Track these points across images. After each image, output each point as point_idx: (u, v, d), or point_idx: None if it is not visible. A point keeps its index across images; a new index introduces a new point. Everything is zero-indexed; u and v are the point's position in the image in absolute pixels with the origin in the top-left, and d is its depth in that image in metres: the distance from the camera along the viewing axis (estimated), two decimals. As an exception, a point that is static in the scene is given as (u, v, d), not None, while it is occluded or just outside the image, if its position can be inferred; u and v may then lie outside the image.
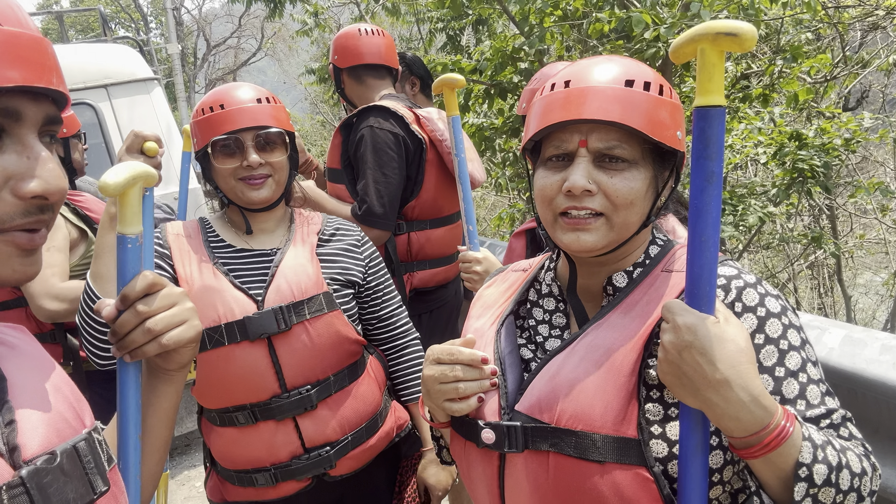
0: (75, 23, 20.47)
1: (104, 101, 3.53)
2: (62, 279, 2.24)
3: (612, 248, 1.00)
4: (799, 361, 0.91)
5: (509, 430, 0.97)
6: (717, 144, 0.81)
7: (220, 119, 1.57)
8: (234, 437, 1.62)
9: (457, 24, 7.16)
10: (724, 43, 0.79)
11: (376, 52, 2.49)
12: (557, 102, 0.97)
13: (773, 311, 0.93)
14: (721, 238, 5.43)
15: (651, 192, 0.99)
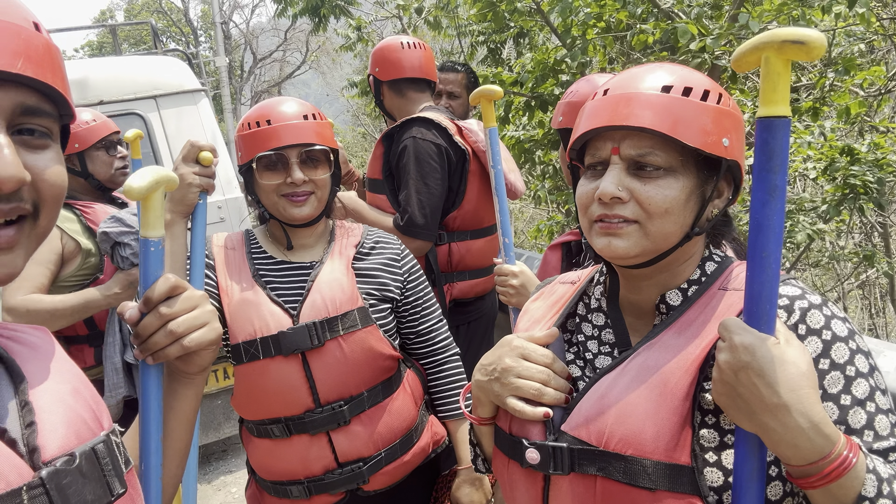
0: (129, 36, 21.17)
1: (153, 112, 3.62)
2: (27, 293, 2.24)
3: (649, 257, 0.96)
4: (867, 389, 0.86)
5: (555, 451, 0.93)
6: (780, 157, 0.77)
7: (265, 135, 1.57)
8: (269, 449, 1.63)
9: (498, 37, 7.16)
10: (791, 51, 0.75)
11: (417, 66, 2.49)
12: (594, 110, 0.95)
13: (839, 335, 0.88)
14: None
15: (693, 201, 0.94)
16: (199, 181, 1.53)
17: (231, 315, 1.59)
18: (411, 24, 7.83)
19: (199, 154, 1.53)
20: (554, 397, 0.97)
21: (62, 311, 2.26)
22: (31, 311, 2.22)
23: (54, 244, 2.33)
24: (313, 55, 23.42)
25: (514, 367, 0.99)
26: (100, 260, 2.45)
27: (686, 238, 0.96)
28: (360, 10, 8.72)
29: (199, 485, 3.98)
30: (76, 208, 2.46)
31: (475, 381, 1.06)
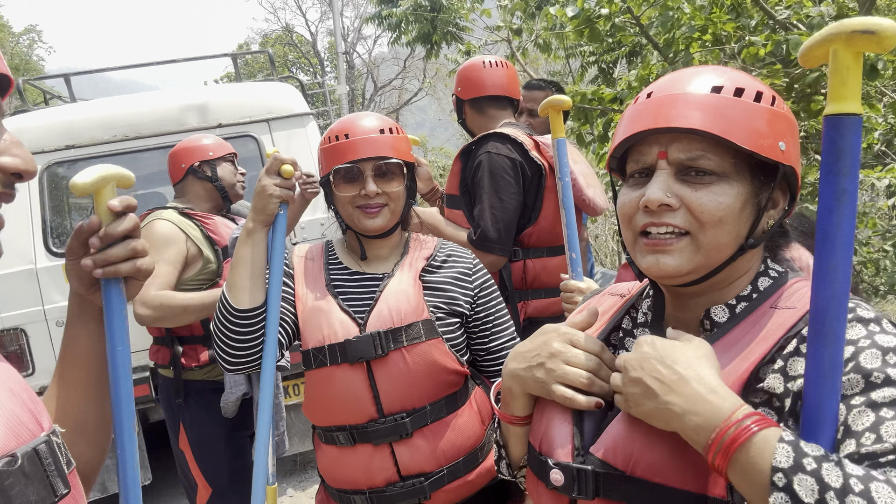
0: (263, 67, 22.73)
1: (265, 134, 3.84)
2: (159, 289, 2.44)
3: (700, 274, 0.88)
4: (890, 395, 0.72)
5: (579, 474, 0.87)
6: (850, 158, 0.69)
7: (343, 148, 1.62)
8: (335, 456, 1.65)
9: (609, 56, 7.04)
10: (861, 42, 0.68)
11: (499, 84, 2.49)
12: (637, 114, 0.89)
13: (879, 344, 0.76)
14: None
15: (749, 210, 0.86)
16: (279, 192, 1.61)
17: (304, 322, 1.64)
18: (520, 47, 7.87)
19: (280, 167, 1.61)
20: (604, 389, 0.90)
21: (192, 306, 2.46)
22: (165, 305, 2.42)
23: (181, 247, 2.55)
24: (428, 81, 24.05)
25: (562, 353, 0.92)
26: (218, 267, 2.65)
27: (740, 251, 0.87)
28: (471, 35, 8.89)
29: (295, 491, 4.11)
30: (197, 219, 2.68)
31: (508, 371, 0.99)
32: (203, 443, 2.75)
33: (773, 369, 0.81)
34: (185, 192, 2.80)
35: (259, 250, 1.61)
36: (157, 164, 3.98)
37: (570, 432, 0.91)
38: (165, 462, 4.56)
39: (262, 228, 1.62)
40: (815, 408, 0.73)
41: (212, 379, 2.73)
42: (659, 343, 0.82)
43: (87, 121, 3.67)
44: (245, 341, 1.59)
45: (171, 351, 2.71)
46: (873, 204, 7.45)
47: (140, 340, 3.52)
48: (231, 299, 1.57)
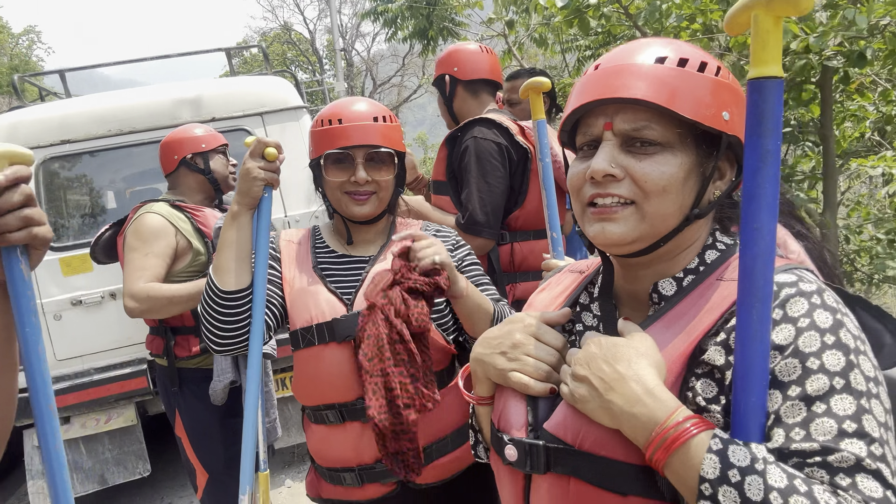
0: (261, 65, 22.78)
1: (259, 127, 3.87)
2: (147, 282, 2.48)
3: (646, 243, 0.90)
4: (824, 386, 0.73)
5: (531, 449, 0.90)
6: (772, 120, 0.72)
7: (335, 133, 1.64)
8: (325, 435, 1.68)
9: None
10: (779, 7, 0.71)
11: (493, 69, 2.57)
12: (584, 86, 0.91)
13: (818, 325, 0.77)
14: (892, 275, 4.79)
15: (694, 180, 0.88)
16: (263, 175, 1.62)
17: (291, 303, 1.67)
18: (517, 42, 7.88)
19: (264, 150, 1.63)
20: (559, 381, 0.92)
21: (178, 297, 2.50)
22: (152, 297, 2.47)
23: (170, 240, 2.59)
24: (427, 78, 24.06)
25: (524, 345, 0.96)
26: (207, 259, 2.68)
27: (686, 221, 0.89)
28: (467, 30, 8.91)
29: (293, 482, 4.15)
30: (188, 211, 2.72)
31: (475, 354, 1.02)
32: (198, 429, 2.79)
33: (715, 342, 0.83)
34: (178, 183, 2.83)
35: (244, 233, 1.63)
36: (152, 160, 4.01)
37: (524, 411, 0.94)
38: (165, 454, 4.63)
39: (246, 211, 1.64)
40: (745, 367, 0.76)
41: (204, 367, 2.77)
42: (605, 341, 0.84)
43: (82, 115, 3.71)
44: (232, 323, 1.62)
45: (165, 340, 2.76)
46: (870, 194, 7.45)
47: (137, 334, 3.58)
48: (217, 281, 1.60)
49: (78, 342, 3.61)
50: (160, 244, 2.57)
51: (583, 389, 0.83)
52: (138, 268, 2.52)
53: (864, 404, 0.73)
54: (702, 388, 0.82)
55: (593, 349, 0.84)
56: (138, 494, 4.30)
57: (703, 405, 0.81)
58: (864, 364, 0.76)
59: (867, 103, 4.40)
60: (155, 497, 4.25)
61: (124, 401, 3.65)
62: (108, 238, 2.87)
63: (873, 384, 0.75)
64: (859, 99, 4.28)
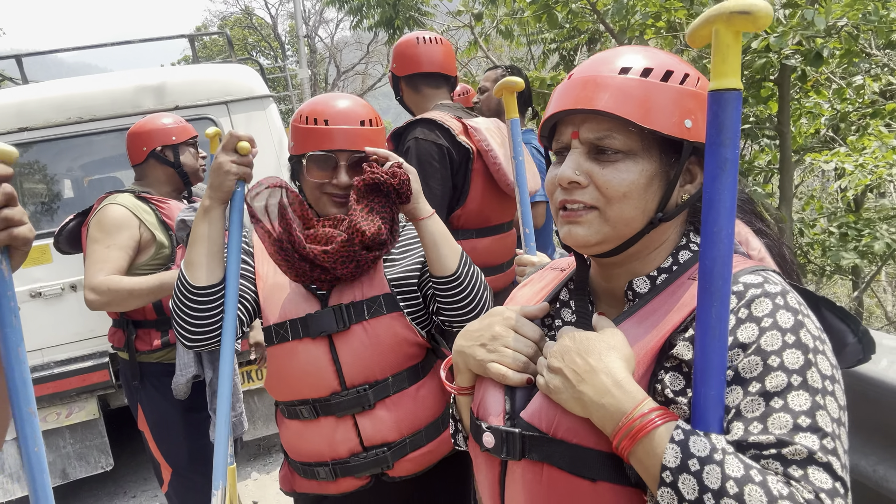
0: (222, 50, 22.37)
1: (224, 116, 3.82)
2: (108, 274, 2.45)
3: (611, 245, 0.94)
4: (782, 383, 0.78)
5: (508, 436, 0.94)
6: (731, 130, 0.76)
7: (320, 134, 1.60)
8: (298, 430, 1.69)
9: (570, 43, 7.12)
10: (739, 22, 0.75)
11: (434, 60, 2.49)
12: (557, 95, 0.95)
13: (780, 325, 0.81)
14: (852, 266, 4.98)
15: (657, 186, 0.92)
16: (235, 169, 1.59)
17: (264, 299, 1.67)
18: (483, 33, 7.90)
19: (237, 143, 1.60)
20: (536, 372, 0.97)
21: (139, 290, 2.47)
22: (112, 290, 2.43)
23: (133, 232, 2.55)
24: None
25: (504, 337, 1.00)
26: (171, 252, 2.65)
27: (650, 225, 0.94)
28: (434, 20, 8.88)
29: (259, 474, 4.14)
30: (152, 203, 2.68)
31: (457, 346, 1.06)
32: (160, 424, 2.77)
33: (684, 337, 0.87)
34: (145, 175, 2.79)
35: (216, 228, 1.61)
36: (112, 148, 3.94)
37: (502, 400, 0.98)
38: (128, 448, 4.57)
39: (218, 206, 1.61)
40: (704, 362, 0.80)
41: (167, 361, 2.75)
42: (578, 335, 0.89)
43: (41, 103, 3.61)
44: (203, 318, 1.60)
45: (126, 334, 2.73)
46: (823, 188, 7.70)
47: (98, 326, 3.52)
48: (188, 276, 1.58)
49: (37, 335, 3.53)
50: (123, 236, 2.53)
51: (557, 380, 0.87)
52: (100, 260, 2.48)
53: (819, 401, 0.77)
54: (670, 381, 0.86)
55: (567, 342, 0.89)
56: (101, 489, 4.24)
57: (671, 397, 0.85)
58: (821, 363, 0.80)
59: (823, 101, 4.54)
60: (118, 491, 4.19)
61: (86, 394, 3.59)
62: (72, 228, 2.81)
63: (829, 382, 0.79)
64: (815, 96, 4.42)
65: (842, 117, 4.86)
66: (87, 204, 2.79)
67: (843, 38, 3.63)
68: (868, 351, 0.98)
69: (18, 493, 3.53)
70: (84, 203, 3.78)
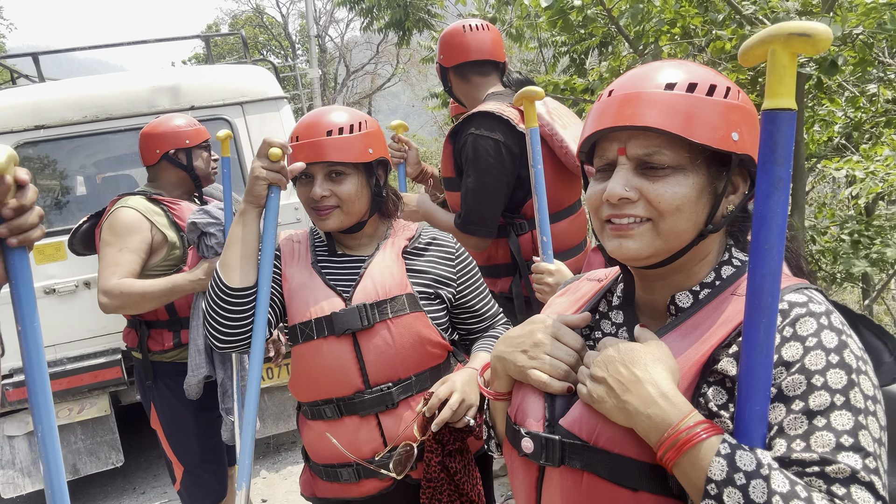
0: (232, 49, 22.40)
1: (239, 117, 3.84)
2: (121, 277, 2.46)
3: (662, 257, 0.95)
4: (825, 402, 0.79)
5: (548, 443, 0.95)
6: (785, 149, 0.77)
7: (295, 152, 1.66)
8: (322, 431, 1.70)
9: (580, 46, 7.11)
10: (797, 44, 0.75)
11: (482, 48, 2.45)
12: (599, 111, 0.95)
13: (825, 345, 0.83)
14: (863, 274, 4.97)
15: (706, 198, 0.93)
16: (264, 175, 1.61)
17: (289, 298, 1.70)
18: (494, 35, 7.88)
19: (268, 150, 1.62)
20: (576, 380, 0.97)
21: (152, 293, 2.48)
22: (125, 293, 2.44)
23: (145, 235, 2.56)
24: (402, 67, 23.94)
25: (545, 344, 1.01)
26: (183, 252, 2.66)
27: (700, 236, 0.94)
28: (444, 22, 8.90)
29: (268, 473, 4.16)
30: (164, 204, 2.69)
31: (496, 352, 1.08)
32: (172, 423, 2.79)
33: (727, 353, 0.88)
34: (158, 177, 2.79)
35: (249, 231, 1.64)
36: (127, 146, 3.95)
37: (542, 406, 1.00)
38: (139, 445, 4.59)
39: (252, 209, 1.64)
40: (750, 378, 0.81)
41: (179, 361, 2.76)
42: (622, 346, 0.89)
43: (57, 101, 3.63)
44: (235, 320, 1.63)
45: (139, 334, 2.74)
46: (834, 195, 7.68)
47: (111, 324, 3.53)
48: (223, 277, 1.61)
49: (51, 331, 3.55)
50: (134, 239, 2.54)
51: (600, 390, 0.88)
52: (112, 263, 2.49)
53: (861, 421, 0.78)
54: (713, 395, 0.87)
55: (611, 352, 0.89)
56: (111, 485, 4.25)
57: (715, 411, 0.86)
58: (864, 383, 0.81)
59: (836, 108, 4.53)
60: (128, 487, 4.21)
61: (98, 391, 3.60)
62: (86, 230, 2.82)
63: (871, 402, 0.81)
64: (829, 104, 4.41)
65: (855, 125, 4.84)
66: (99, 201, 2.80)
67: (858, 46, 3.62)
68: None
69: (29, 488, 3.55)
70: (97, 200, 3.80)
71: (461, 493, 1.64)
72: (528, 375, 1.01)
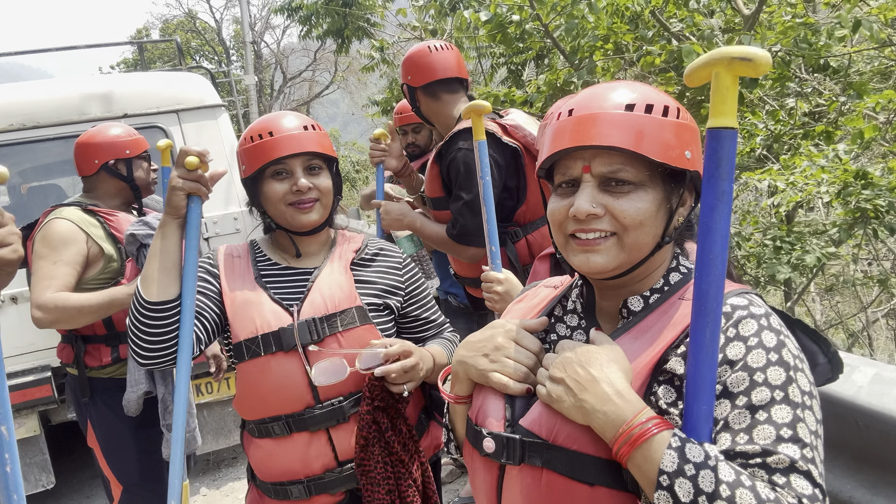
0: (163, 55, 21.73)
1: (174, 126, 3.74)
2: (55, 291, 2.37)
3: (624, 269, 1.01)
4: (766, 398, 0.85)
5: (508, 442, 0.99)
6: (728, 164, 0.83)
7: (269, 146, 1.63)
8: (270, 449, 1.67)
9: (517, 58, 7.26)
10: (739, 67, 0.81)
11: (448, 66, 2.51)
12: (561, 130, 1.00)
13: (765, 344, 0.89)
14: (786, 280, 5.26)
15: (663, 212, 0.99)
16: (181, 184, 1.57)
17: (233, 315, 1.65)
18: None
19: (185, 159, 1.57)
20: (535, 382, 1.01)
21: (88, 307, 2.38)
22: (60, 307, 2.33)
23: (81, 247, 2.46)
24: (341, 75, 23.78)
25: (506, 348, 1.06)
26: (121, 265, 2.57)
27: (657, 247, 1.01)
28: (383, 31, 8.91)
29: (209, 490, 4.04)
30: (100, 215, 2.59)
31: (457, 356, 1.11)
32: (111, 441, 2.68)
33: (676, 353, 0.94)
34: (95, 187, 2.69)
35: (169, 243, 1.59)
36: (55, 155, 3.79)
37: (502, 407, 1.03)
38: (71, 466, 4.38)
39: (171, 221, 1.59)
40: (696, 378, 0.86)
41: (117, 377, 2.67)
42: (579, 348, 0.95)
43: (-20, 108, 3.46)
44: (157, 335, 1.57)
45: (75, 350, 2.63)
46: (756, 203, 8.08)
47: (41, 340, 3.37)
48: (142, 290, 1.56)
49: (-26, 349, 3.36)
50: (70, 252, 2.44)
51: (559, 389, 0.93)
52: (46, 276, 2.39)
53: (799, 414, 0.85)
54: (663, 394, 0.93)
55: (569, 354, 0.95)
56: (39, 509, 4.04)
57: (664, 408, 0.92)
58: (801, 380, 0.88)
59: (758, 121, 4.79)
60: (58, 511, 4.01)
61: (27, 410, 3.42)
62: None
63: (807, 397, 0.88)
64: (751, 117, 4.66)
65: (776, 137, 5.13)
66: (25, 211, 2.68)
67: (777, 63, 3.85)
68: (836, 370, 1.08)
69: None
70: (22, 211, 3.63)
71: (391, 451, 1.62)
72: (489, 378, 1.04)
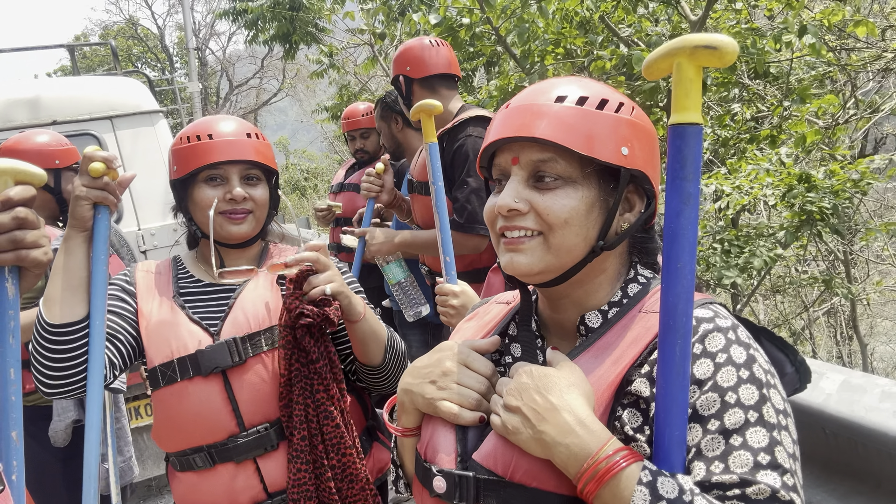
0: (103, 62, 21.08)
1: (108, 133, 3.55)
2: None
3: (554, 273, 0.92)
4: (740, 420, 0.78)
5: (461, 481, 0.88)
6: (693, 164, 0.75)
7: (206, 149, 1.52)
8: (193, 483, 1.53)
9: (468, 64, 7.23)
10: (703, 57, 0.73)
11: (447, 62, 2.54)
12: (495, 124, 0.94)
13: (734, 360, 0.81)
14: (733, 282, 5.33)
15: (597, 213, 0.91)
16: (85, 193, 1.41)
17: (148, 338, 1.52)
18: (382, 51, 7.88)
19: (89, 165, 1.41)
20: (489, 410, 0.91)
21: None
22: None
23: None
24: (289, 82, 23.47)
25: (454, 373, 0.94)
26: (45, 283, 2.38)
27: (592, 253, 0.92)
28: (332, 37, 8.78)
29: (146, 519, 3.82)
30: None
31: (403, 384, 0.99)
32: (37, 473, 2.48)
33: (640, 373, 0.85)
34: None
35: (74, 259, 1.43)
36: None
37: (453, 440, 0.92)
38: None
39: (77, 234, 1.44)
40: (668, 401, 0.78)
41: (43, 405, 2.47)
42: (536, 371, 0.85)
43: None
44: (62, 360, 1.41)
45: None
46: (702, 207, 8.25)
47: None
48: (44, 312, 1.40)
49: None
50: None
51: (515, 420, 0.82)
52: None
53: (776, 436, 0.77)
54: (628, 418, 0.84)
55: (525, 379, 0.84)
56: (-40, 547, 3.76)
57: (630, 434, 0.83)
58: (774, 397, 0.80)
59: (704, 126, 4.85)
60: (-18, 548, 3.73)
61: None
62: None
63: (783, 416, 0.80)
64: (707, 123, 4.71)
65: (722, 142, 5.21)
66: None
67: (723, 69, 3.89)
68: (804, 380, 1.01)
69: None
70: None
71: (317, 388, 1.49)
72: (437, 407, 0.93)
